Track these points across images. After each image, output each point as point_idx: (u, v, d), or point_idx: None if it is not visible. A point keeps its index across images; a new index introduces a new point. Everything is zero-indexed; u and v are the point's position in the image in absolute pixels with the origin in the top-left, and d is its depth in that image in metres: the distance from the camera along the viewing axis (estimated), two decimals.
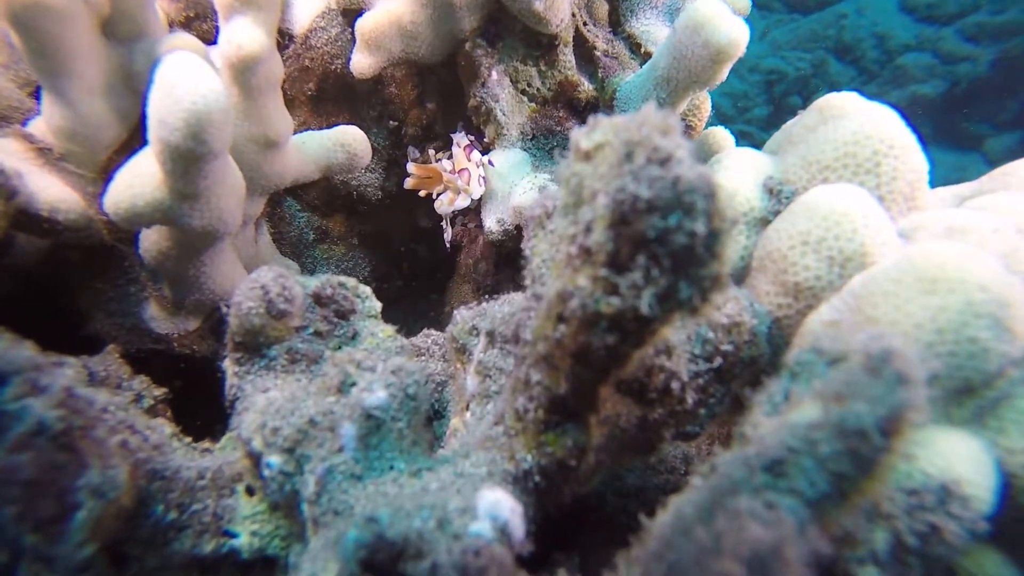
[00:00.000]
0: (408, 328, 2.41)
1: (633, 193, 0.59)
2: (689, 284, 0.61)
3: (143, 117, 1.03)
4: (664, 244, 0.59)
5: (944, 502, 0.71)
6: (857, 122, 1.03)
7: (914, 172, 1.00)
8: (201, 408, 1.34)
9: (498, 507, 0.69)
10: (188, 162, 0.98)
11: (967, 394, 0.76)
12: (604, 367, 0.71)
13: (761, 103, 9.85)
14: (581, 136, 0.69)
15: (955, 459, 0.74)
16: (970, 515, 0.71)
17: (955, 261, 0.77)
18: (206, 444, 1.20)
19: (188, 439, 1.13)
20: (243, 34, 1.13)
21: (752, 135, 9.46)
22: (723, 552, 0.49)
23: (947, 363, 0.75)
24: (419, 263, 2.25)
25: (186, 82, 0.90)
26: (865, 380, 0.56)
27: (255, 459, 0.88)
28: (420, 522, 0.66)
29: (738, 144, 1.61)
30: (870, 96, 1.09)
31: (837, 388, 0.58)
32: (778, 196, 1.07)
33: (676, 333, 0.89)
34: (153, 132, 0.95)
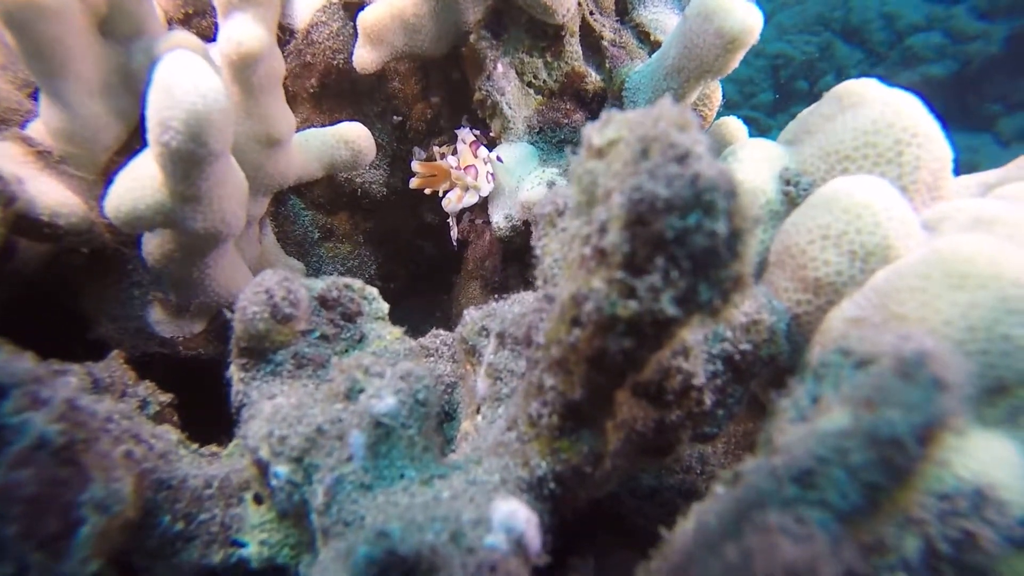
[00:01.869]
0: (415, 325, 2.39)
1: (650, 192, 0.56)
2: (709, 286, 0.58)
3: (143, 118, 1.01)
4: (683, 245, 0.56)
5: (978, 507, 0.68)
6: (878, 110, 0.99)
7: (938, 161, 0.97)
8: (208, 410, 1.32)
9: (513, 518, 0.67)
10: (188, 164, 0.96)
11: (1000, 393, 0.73)
12: (620, 372, 0.69)
13: (766, 88, 9.72)
14: (593, 132, 0.66)
15: (989, 462, 0.71)
16: (1006, 520, 0.68)
17: (986, 255, 0.74)
18: (213, 448, 1.18)
19: (195, 445, 1.11)
20: (243, 31, 1.11)
21: (758, 121, 9.34)
22: (755, 571, 0.46)
23: (979, 362, 0.72)
24: (425, 259, 2.22)
25: (185, 82, 0.87)
26: (898, 385, 0.53)
27: (262, 468, 0.86)
28: (433, 536, 0.64)
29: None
30: (879, 79, 1.06)
31: (868, 393, 0.55)
32: (796, 188, 1.04)
33: (693, 333, 0.86)
34: (152, 134, 0.93)
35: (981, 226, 0.85)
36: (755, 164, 1.09)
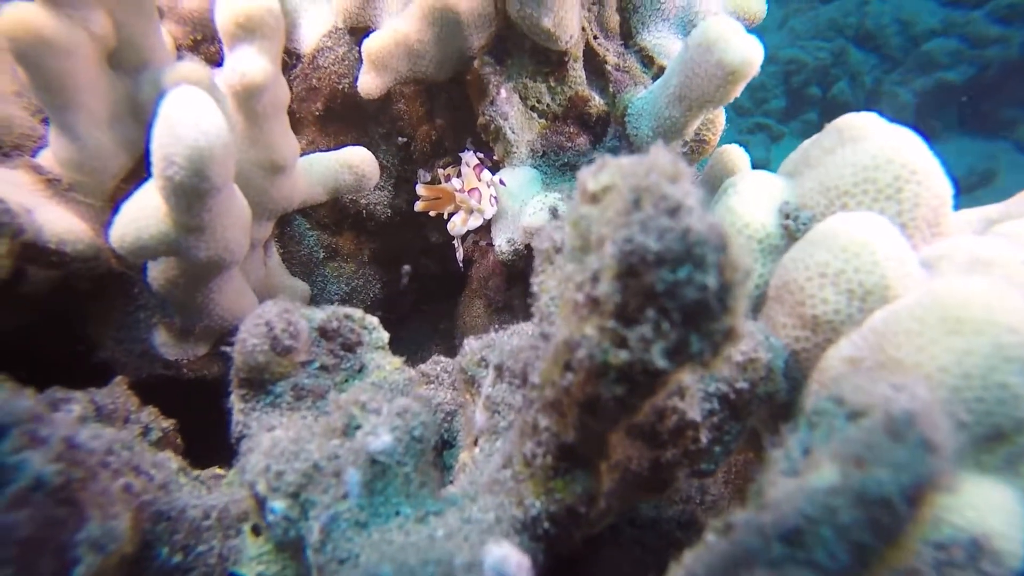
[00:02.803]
0: (420, 343, 2.39)
1: (641, 245, 0.57)
2: (700, 338, 0.58)
3: (149, 147, 1.03)
4: (674, 298, 0.57)
5: (975, 558, 0.68)
6: (877, 145, 0.99)
7: (937, 198, 0.97)
8: (213, 430, 1.33)
9: (504, 563, 0.67)
10: (191, 197, 0.97)
11: (997, 441, 0.73)
12: (614, 417, 0.69)
13: (779, 94, 9.66)
14: (588, 177, 0.67)
15: (986, 510, 0.70)
16: (1001, 572, 0.67)
17: (982, 300, 0.74)
18: (216, 471, 1.19)
19: (196, 472, 1.12)
20: (247, 63, 1.12)
21: (769, 127, 9.27)
22: None
23: (975, 409, 0.72)
24: (430, 278, 2.23)
25: (187, 119, 0.88)
26: (887, 444, 0.53)
27: (260, 502, 0.87)
28: None
29: (755, 136, 1.58)
30: (893, 84, 1.05)
31: (857, 450, 0.55)
32: (795, 222, 1.04)
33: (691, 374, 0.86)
34: (156, 168, 0.94)
35: (979, 266, 0.85)
36: (755, 197, 1.09)
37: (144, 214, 1.03)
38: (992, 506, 0.71)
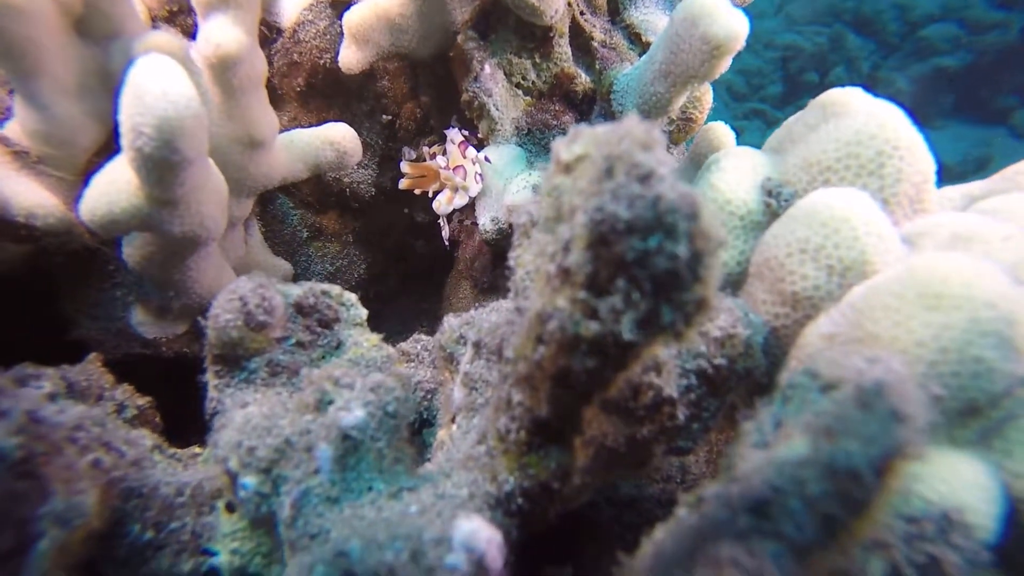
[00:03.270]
0: (407, 323, 2.38)
1: (612, 213, 0.56)
2: (672, 309, 0.57)
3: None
4: (644, 267, 0.56)
5: (945, 531, 0.67)
6: (861, 120, 0.98)
7: (920, 174, 0.96)
8: (194, 408, 1.32)
9: (474, 537, 0.67)
10: (162, 170, 0.95)
11: (971, 415, 0.72)
12: (586, 390, 0.68)
13: (776, 80, 9.61)
14: (562, 147, 0.65)
15: (958, 484, 0.70)
16: (972, 545, 0.67)
17: (960, 275, 0.73)
18: (195, 449, 1.18)
19: (172, 449, 1.11)
20: (221, 33, 1.09)
21: (766, 113, 9.22)
22: None
23: (950, 383, 0.71)
24: (416, 259, 2.21)
25: (155, 88, 0.86)
26: (857, 416, 0.52)
27: (232, 478, 0.85)
28: (392, 555, 0.64)
29: (751, 122, 1.56)
30: (890, 70, 1.04)
31: (827, 422, 0.54)
32: (777, 199, 1.03)
33: (666, 348, 0.85)
34: (125, 139, 0.92)
35: (959, 243, 0.84)
36: (738, 174, 1.08)
37: (115, 187, 1.01)
38: (964, 480, 0.71)
